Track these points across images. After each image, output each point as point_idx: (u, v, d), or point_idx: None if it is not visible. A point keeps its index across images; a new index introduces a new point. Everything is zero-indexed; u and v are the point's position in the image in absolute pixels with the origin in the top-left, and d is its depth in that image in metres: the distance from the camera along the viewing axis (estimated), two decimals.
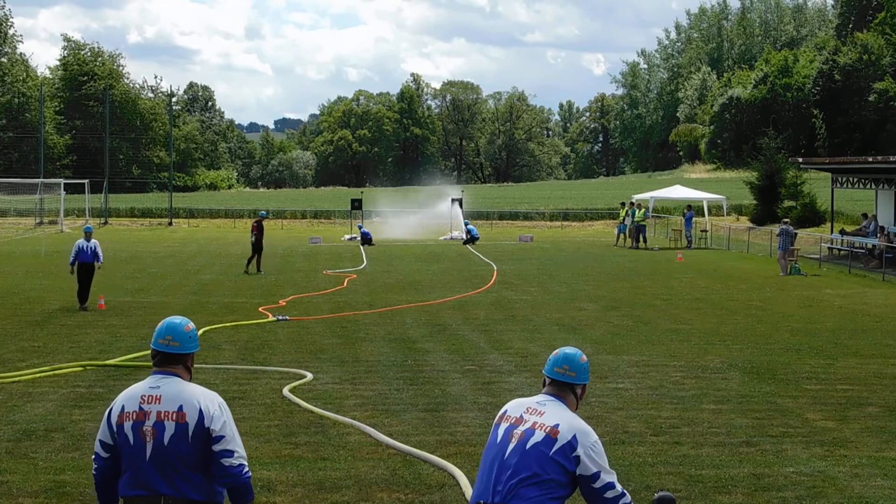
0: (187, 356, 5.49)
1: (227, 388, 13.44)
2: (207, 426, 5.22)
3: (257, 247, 30.32)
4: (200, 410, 5.24)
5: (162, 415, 5.25)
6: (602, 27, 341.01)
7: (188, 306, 22.41)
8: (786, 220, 34.90)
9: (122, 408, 5.35)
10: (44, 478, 9.45)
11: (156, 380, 5.41)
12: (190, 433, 5.22)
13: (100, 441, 5.42)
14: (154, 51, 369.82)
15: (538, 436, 5.22)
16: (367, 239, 43.48)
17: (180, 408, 5.25)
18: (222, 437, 5.23)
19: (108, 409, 5.46)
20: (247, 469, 5.28)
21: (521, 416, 5.35)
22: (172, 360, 5.47)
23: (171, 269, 31.79)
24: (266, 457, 10.14)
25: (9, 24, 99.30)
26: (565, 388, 5.43)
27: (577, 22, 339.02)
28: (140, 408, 5.30)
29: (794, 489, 9.22)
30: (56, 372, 14.45)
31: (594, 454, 5.20)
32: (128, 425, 5.29)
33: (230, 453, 5.23)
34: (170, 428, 5.23)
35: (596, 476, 5.19)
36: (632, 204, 44.38)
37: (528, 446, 5.20)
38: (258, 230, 30.46)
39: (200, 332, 18.19)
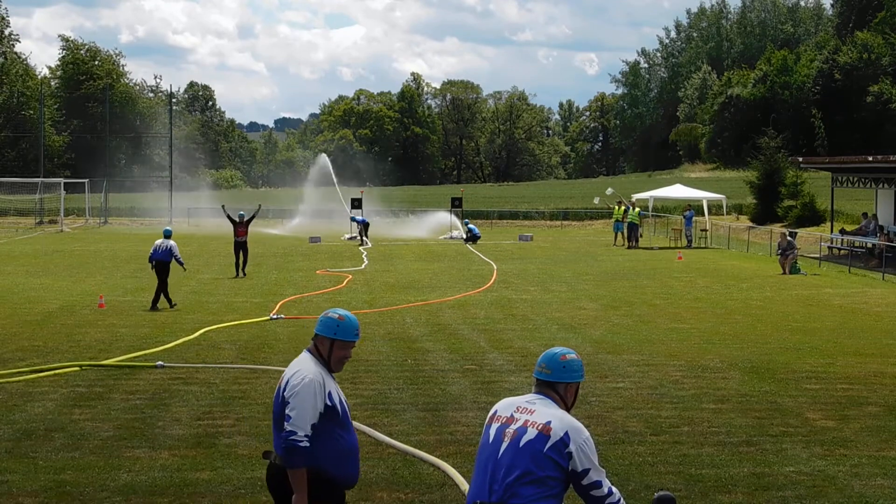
0: (316, 336, 6.10)
1: (227, 388, 13.45)
2: (283, 393, 5.93)
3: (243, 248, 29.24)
4: (287, 378, 5.96)
5: (280, 379, 6.09)
6: (594, 27, 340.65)
7: (188, 306, 22.43)
8: (788, 231, 34.47)
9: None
10: (44, 477, 9.46)
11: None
12: (280, 396, 5.97)
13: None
14: (148, 50, 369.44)
15: (531, 433, 5.25)
16: (364, 225, 45.14)
17: (285, 374, 6.04)
18: (288, 403, 5.87)
19: None
20: (295, 437, 5.75)
21: (512, 415, 5.39)
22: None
23: (170, 269, 31.68)
24: None
25: (5, 23, 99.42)
26: (547, 387, 5.47)
27: (568, 21, 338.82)
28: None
29: (794, 488, 9.22)
30: (45, 374, 14.44)
31: (586, 450, 5.24)
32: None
33: (288, 418, 5.82)
34: (276, 391, 6.06)
35: (585, 473, 5.23)
36: (633, 204, 44.38)
37: (521, 444, 5.23)
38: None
39: (200, 331, 18.21)
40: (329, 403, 5.90)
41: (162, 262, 22.47)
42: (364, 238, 44.40)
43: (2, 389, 13.30)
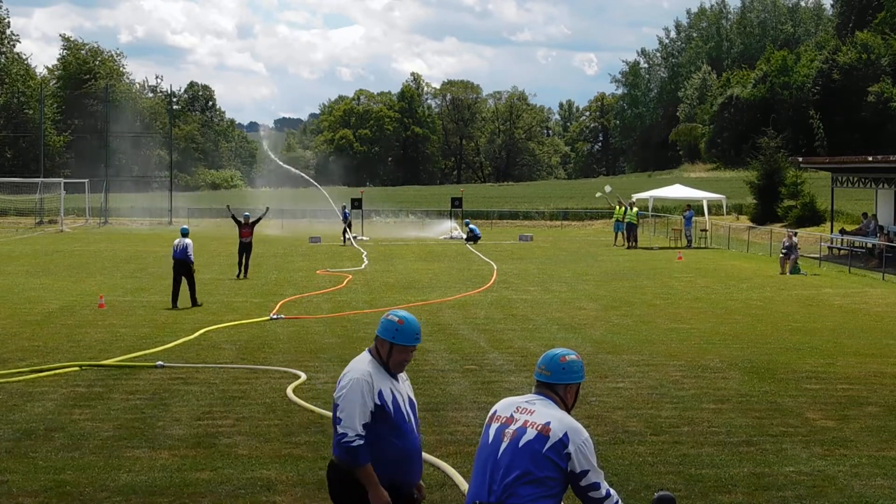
0: (377, 338, 6.03)
1: (227, 388, 13.44)
2: (334, 395, 5.99)
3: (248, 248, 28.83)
4: (340, 380, 5.99)
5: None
6: (593, 27, 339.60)
7: (188, 306, 22.41)
8: (792, 232, 34.46)
9: None
10: (44, 477, 9.45)
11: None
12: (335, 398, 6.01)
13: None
14: (148, 50, 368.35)
15: (530, 434, 5.25)
16: (347, 220, 45.82)
17: (341, 376, 6.06)
18: (336, 405, 5.92)
19: None
20: (346, 438, 5.75)
21: (512, 415, 5.39)
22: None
23: (170, 269, 31.70)
24: (266, 457, 10.14)
25: (5, 24, 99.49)
26: (547, 388, 5.47)
27: (567, 21, 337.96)
28: None
29: (794, 489, 9.22)
30: (45, 374, 14.43)
31: (585, 451, 5.25)
32: None
33: (339, 420, 5.85)
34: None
35: (583, 474, 5.24)
36: (631, 204, 44.41)
37: (520, 444, 5.23)
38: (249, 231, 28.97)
39: (200, 331, 18.20)
40: (378, 402, 5.82)
41: (180, 261, 22.47)
42: (348, 235, 44.61)
43: (2, 389, 13.29)
